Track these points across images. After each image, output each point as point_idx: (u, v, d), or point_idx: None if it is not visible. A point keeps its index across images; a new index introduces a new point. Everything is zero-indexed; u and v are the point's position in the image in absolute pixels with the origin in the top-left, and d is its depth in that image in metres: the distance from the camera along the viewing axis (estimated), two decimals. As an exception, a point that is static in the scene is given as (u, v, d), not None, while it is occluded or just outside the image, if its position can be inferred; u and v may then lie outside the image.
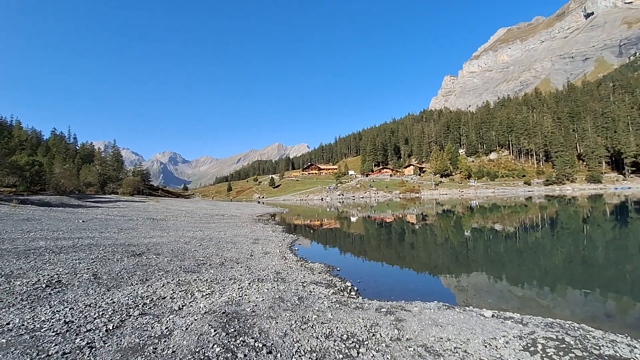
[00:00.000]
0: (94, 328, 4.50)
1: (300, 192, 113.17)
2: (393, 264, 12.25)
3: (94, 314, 4.99)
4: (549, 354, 4.55)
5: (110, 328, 4.54)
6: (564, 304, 7.52)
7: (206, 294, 6.39)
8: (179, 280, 7.31)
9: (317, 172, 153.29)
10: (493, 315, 6.11)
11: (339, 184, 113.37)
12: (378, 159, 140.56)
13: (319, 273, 9.55)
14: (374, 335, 4.98)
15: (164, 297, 6.04)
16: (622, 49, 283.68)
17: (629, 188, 74.71)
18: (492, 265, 11.76)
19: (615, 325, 6.01)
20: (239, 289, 6.95)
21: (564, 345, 4.82)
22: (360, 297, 7.49)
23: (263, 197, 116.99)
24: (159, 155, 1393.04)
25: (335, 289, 7.92)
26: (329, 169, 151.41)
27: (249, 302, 6.13)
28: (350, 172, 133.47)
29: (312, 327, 5.09)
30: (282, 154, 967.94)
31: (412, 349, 4.58)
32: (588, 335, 5.24)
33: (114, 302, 5.57)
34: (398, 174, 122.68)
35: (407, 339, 4.92)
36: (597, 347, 4.79)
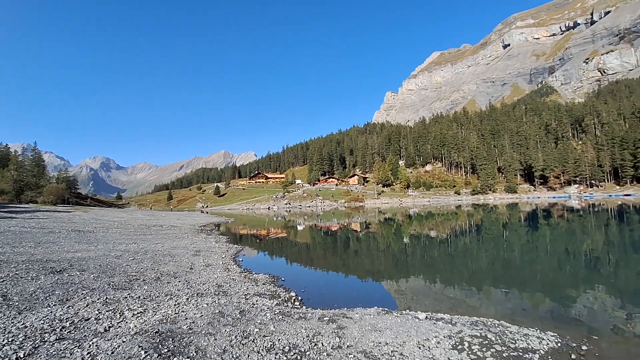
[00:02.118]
0: (2, 356, 3.95)
1: (246, 201, 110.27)
2: (338, 272, 12.48)
3: (2, 341, 4.34)
4: (474, 351, 4.99)
5: (21, 356, 3.99)
6: (488, 303, 8.30)
7: (138, 313, 5.88)
8: (106, 298, 6.62)
9: (264, 180, 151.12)
10: (427, 317, 6.52)
11: (286, 193, 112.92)
12: (324, 169, 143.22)
13: (263, 284, 9.36)
14: (315, 345, 5.01)
15: (88, 319, 5.42)
16: (532, 77, 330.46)
17: (538, 197, 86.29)
18: (428, 269, 12.62)
19: (528, 320, 6.78)
20: (175, 305, 6.51)
21: (487, 342, 5.32)
22: (304, 307, 7.50)
23: (207, 207, 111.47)
24: (89, 160, 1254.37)
25: (279, 299, 7.83)
26: (276, 178, 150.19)
27: (186, 318, 5.78)
28: (298, 181, 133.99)
29: (253, 342, 4.96)
30: (228, 161, 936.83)
31: (352, 356, 4.69)
32: (506, 331, 5.84)
33: (25, 327, 4.87)
34: (343, 183, 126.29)
35: (347, 346, 5.02)
36: (514, 341, 5.38)
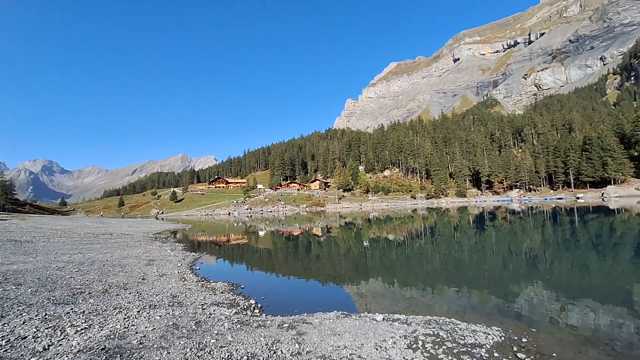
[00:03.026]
0: None
1: (205, 207, 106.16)
2: (299, 277, 12.47)
3: None
4: (427, 349, 5.26)
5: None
6: (440, 301, 8.77)
7: (82, 329, 5.44)
8: (46, 314, 6.05)
9: (224, 185, 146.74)
10: (384, 319, 6.74)
11: (247, 198, 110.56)
12: (286, 174, 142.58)
13: (222, 293, 9.11)
14: (274, 352, 4.98)
15: (25, 337, 4.93)
16: (478, 89, 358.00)
17: (485, 201, 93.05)
18: (386, 271, 13.04)
19: (476, 316, 7.28)
20: (124, 319, 6.13)
21: (439, 339, 5.63)
22: (264, 314, 7.42)
23: (163, 213, 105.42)
24: (29, 163, 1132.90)
25: (238, 308, 7.67)
26: (237, 183, 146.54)
27: (137, 332, 5.46)
28: (259, 186, 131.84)
29: (209, 353, 4.82)
30: (186, 166, 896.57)
31: (311, 362, 4.74)
32: (456, 328, 6.21)
33: (-45, 349, 4.34)
34: (305, 188, 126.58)
35: (307, 352, 5.05)
36: (463, 337, 5.74)
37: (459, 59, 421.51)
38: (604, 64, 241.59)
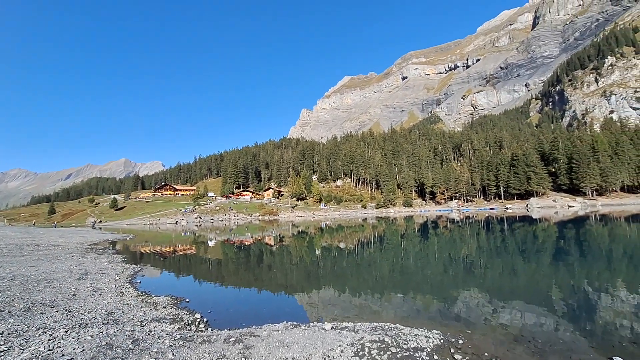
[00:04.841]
0: None
1: (150, 215, 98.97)
2: (249, 288, 12.18)
3: None
4: (373, 355, 5.44)
5: None
6: (387, 308, 9.12)
7: (-1, 352, 4.89)
8: (-47, 339, 5.30)
9: (172, 193, 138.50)
10: (332, 327, 6.84)
11: (196, 207, 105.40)
12: (239, 182, 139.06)
13: (164, 307, 8.60)
14: (220, 368, 4.84)
15: None
16: (424, 106, 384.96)
17: (428, 211, 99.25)
18: (337, 280, 13.27)
19: (418, 321, 7.71)
20: (49, 340, 5.54)
21: (384, 345, 5.85)
22: (210, 329, 7.16)
23: (101, 222, 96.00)
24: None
25: (182, 323, 7.31)
26: (186, 190, 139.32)
27: (63, 355, 4.97)
28: (210, 194, 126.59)
29: (147, 374, 4.57)
30: (129, 171, 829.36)
31: (258, 376, 4.67)
32: (400, 333, 6.51)
33: None
34: (258, 196, 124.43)
35: (254, 366, 4.98)
36: (406, 342, 6.04)
37: (407, 77, 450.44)
38: (528, 90, 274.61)
